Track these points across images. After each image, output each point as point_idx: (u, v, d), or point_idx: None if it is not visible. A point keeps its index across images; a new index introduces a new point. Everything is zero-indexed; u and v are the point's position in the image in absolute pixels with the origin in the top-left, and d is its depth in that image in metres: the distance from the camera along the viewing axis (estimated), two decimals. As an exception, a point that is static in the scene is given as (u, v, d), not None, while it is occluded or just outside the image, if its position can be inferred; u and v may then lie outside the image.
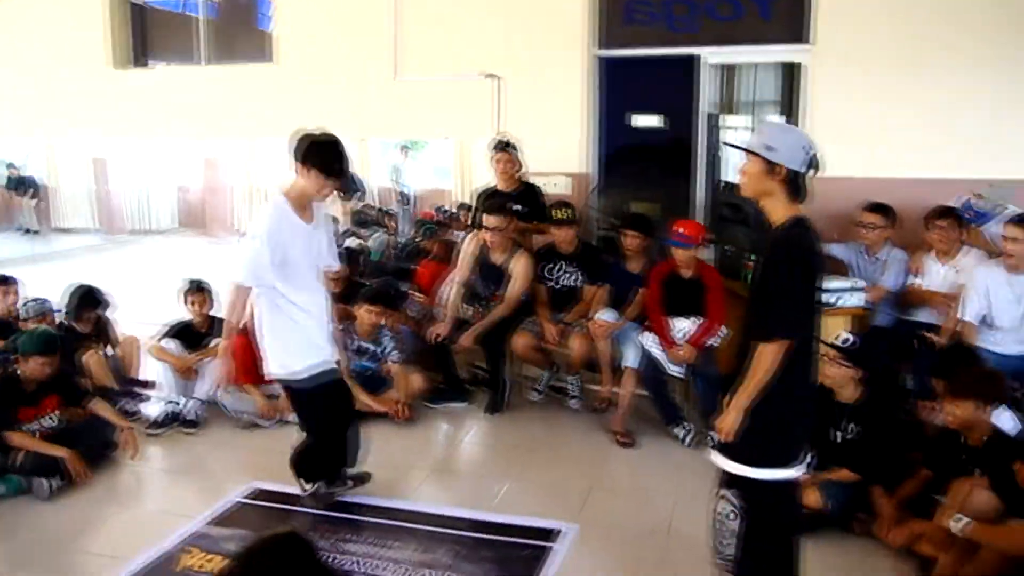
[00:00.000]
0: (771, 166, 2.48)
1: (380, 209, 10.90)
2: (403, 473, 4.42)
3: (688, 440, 4.58)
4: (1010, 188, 4.92)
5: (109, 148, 13.03)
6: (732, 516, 2.55)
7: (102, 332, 5.53)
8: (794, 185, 2.49)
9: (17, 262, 11.94)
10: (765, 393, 2.44)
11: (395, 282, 5.97)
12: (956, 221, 4.52)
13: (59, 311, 5.14)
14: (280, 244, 3.40)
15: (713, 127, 6.53)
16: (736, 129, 10.01)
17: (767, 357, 2.42)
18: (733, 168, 6.90)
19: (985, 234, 4.70)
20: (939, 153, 5.24)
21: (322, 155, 3.44)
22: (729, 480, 2.57)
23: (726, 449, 2.56)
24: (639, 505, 3.97)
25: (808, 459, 2.68)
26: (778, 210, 2.53)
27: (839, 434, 3.67)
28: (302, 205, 3.51)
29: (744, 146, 2.55)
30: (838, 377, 3.62)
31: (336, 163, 3.47)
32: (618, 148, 7.55)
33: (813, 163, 2.50)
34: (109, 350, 5.51)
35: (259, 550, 1.61)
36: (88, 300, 5.38)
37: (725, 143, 6.23)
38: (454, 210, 9.94)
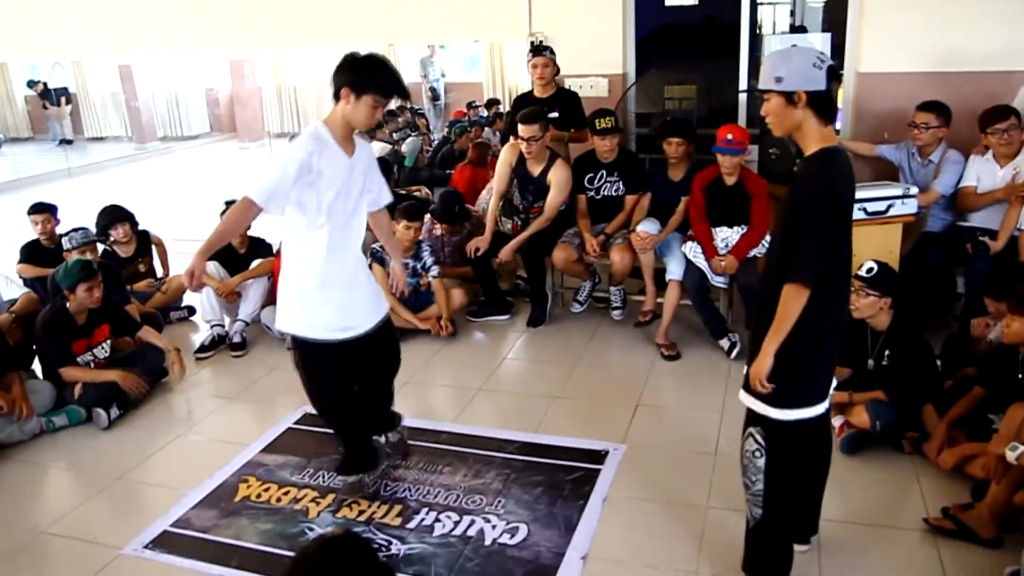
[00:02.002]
0: (789, 96, 2.35)
1: (411, 109, 10.71)
2: (450, 393, 4.48)
3: (734, 352, 4.56)
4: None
5: (134, 55, 12.85)
6: (758, 454, 2.57)
7: (146, 252, 5.60)
8: (822, 106, 2.36)
9: (55, 176, 12.09)
10: (795, 331, 2.40)
11: (459, 196, 5.88)
12: (1017, 120, 4.28)
13: (101, 239, 5.17)
14: (315, 176, 2.92)
15: (754, 6, 6.22)
16: (775, 5, 9.59)
17: (793, 299, 2.36)
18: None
19: None
20: (1006, 43, 4.88)
21: (375, 77, 2.96)
22: (755, 418, 2.57)
23: (750, 387, 2.55)
24: (686, 423, 3.98)
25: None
26: (810, 141, 2.40)
27: (871, 361, 3.60)
28: (345, 136, 3.04)
29: (759, 88, 2.42)
30: (864, 307, 3.52)
31: (393, 85, 3.00)
32: (653, 30, 7.24)
33: (832, 75, 2.36)
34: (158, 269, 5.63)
35: (315, 555, 1.59)
36: (112, 217, 5.42)
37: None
38: (487, 113, 9.75)
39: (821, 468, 2.81)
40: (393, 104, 11.54)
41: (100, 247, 5.26)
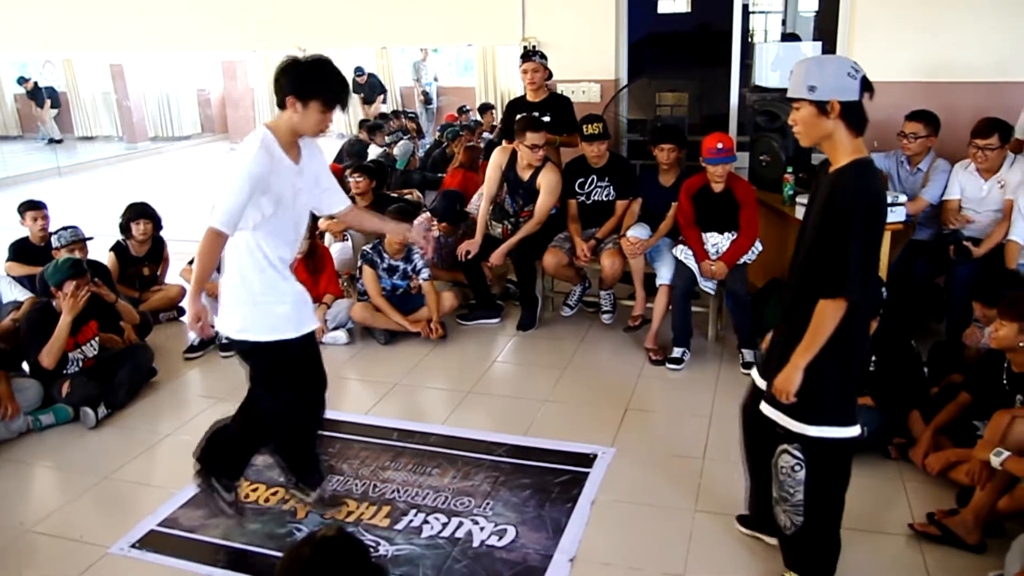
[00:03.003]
0: (822, 106, 2.31)
1: (404, 112, 10.72)
2: (439, 395, 4.47)
3: (676, 365, 4.61)
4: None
5: (125, 54, 12.81)
6: (797, 467, 2.53)
7: (156, 259, 5.59)
8: (853, 117, 2.32)
9: (44, 175, 12.03)
10: (830, 348, 2.37)
11: (460, 196, 5.88)
12: (1000, 137, 4.27)
13: (91, 238, 5.14)
14: (267, 187, 2.80)
15: (746, 14, 6.26)
16: (767, 14, 9.66)
17: (829, 314, 2.33)
18: (767, 68, 6.70)
19: None
20: (995, 52, 4.92)
21: (321, 83, 2.80)
22: (789, 435, 2.52)
23: (786, 405, 2.49)
24: (674, 427, 4.00)
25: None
26: (840, 152, 2.35)
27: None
28: (291, 143, 2.90)
29: (789, 96, 2.38)
30: None
31: (339, 91, 2.86)
32: (646, 36, 7.27)
33: (865, 86, 2.31)
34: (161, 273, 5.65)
35: (310, 554, 1.57)
36: (137, 213, 5.42)
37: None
38: (477, 116, 9.77)
39: None
40: (386, 108, 11.48)
41: (116, 240, 5.31)
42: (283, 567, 1.59)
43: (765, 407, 2.59)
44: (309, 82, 2.78)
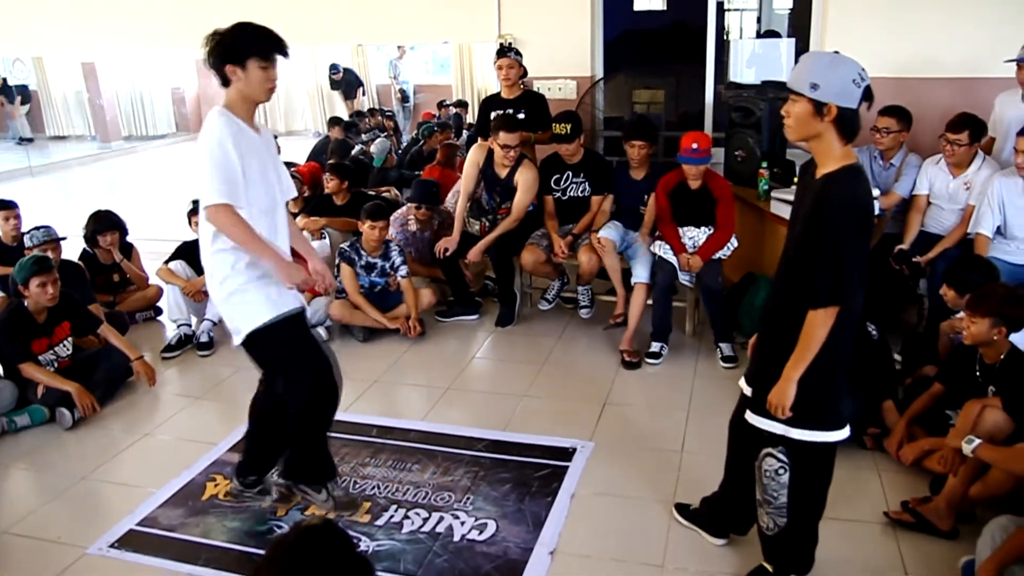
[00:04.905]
0: (819, 106, 2.22)
1: (381, 110, 10.71)
2: (418, 392, 4.48)
3: (655, 360, 4.64)
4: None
5: (97, 52, 12.66)
6: (782, 471, 2.51)
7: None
8: (847, 125, 2.24)
9: (16, 175, 11.88)
10: (818, 354, 2.33)
11: (435, 182, 5.87)
12: (970, 135, 4.31)
13: (64, 238, 5.09)
14: (239, 156, 2.78)
15: (721, 12, 6.30)
16: (742, 11, 9.72)
17: (819, 325, 2.28)
18: (742, 65, 6.76)
19: None
20: (967, 49, 5.00)
21: (249, 40, 2.83)
22: (772, 438, 2.50)
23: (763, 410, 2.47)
24: (653, 421, 4.03)
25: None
26: (829, 155, 2.28)
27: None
28: (249, 116, 2.91)
29: (788, 87, 2.28)
30: None
31: (269, 41, 2.86)
32: (622, 33, 7.28)
33: (867, 95, 2.24)
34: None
35: (293, 544, 1.57)
36: (104, 223, 5.35)
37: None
38: (454, 111, 9.78)
39: None
40: (364, 106, 11.41)
41: (82, 248, 5.23)
42: (267, 553, 1.59)
43: (750, 415, 2.55)
44: (238, 44, 2.82)
